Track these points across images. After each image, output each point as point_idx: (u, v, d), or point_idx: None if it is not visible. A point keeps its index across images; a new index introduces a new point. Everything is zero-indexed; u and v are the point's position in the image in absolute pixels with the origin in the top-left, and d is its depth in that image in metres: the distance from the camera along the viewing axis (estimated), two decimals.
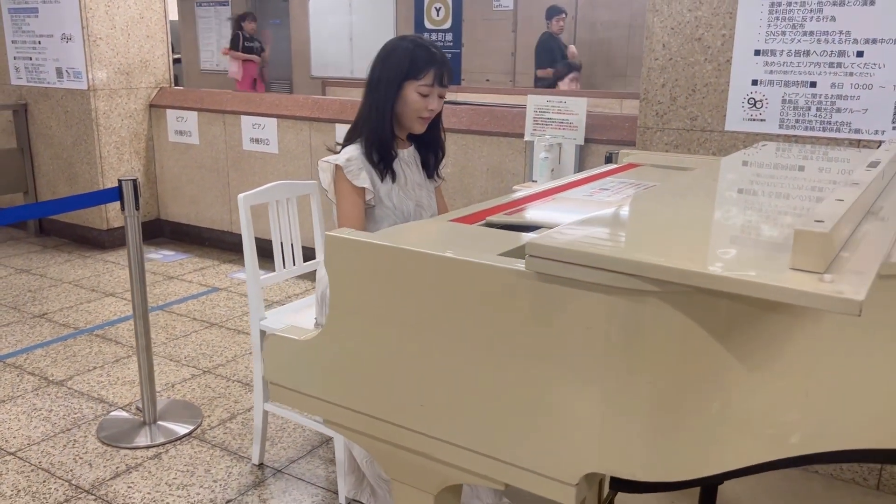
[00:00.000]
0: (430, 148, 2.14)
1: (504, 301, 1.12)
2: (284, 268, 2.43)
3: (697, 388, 1.07)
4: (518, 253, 1.16)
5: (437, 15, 10.05)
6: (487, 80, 9.80)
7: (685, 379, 1.06)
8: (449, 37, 10.03)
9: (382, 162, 2.00)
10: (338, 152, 2.03)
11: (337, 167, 1.98)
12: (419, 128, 2.05)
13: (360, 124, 2.03)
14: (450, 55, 9.87)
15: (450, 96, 7.74)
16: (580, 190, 1.75)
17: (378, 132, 1.99)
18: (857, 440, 1.17)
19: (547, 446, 1.14)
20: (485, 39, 9.70)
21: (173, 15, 14.82)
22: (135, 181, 2.46)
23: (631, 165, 2.18)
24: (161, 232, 5.34)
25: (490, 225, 1.46)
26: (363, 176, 1.96)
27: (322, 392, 1.38)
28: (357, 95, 2.17)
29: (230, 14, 11.84)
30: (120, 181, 2.44)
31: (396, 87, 1.98)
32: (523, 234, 1.32)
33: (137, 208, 2.49)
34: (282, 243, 2.41)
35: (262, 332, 2.29)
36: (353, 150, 2.00)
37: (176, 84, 13.08)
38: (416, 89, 1.98)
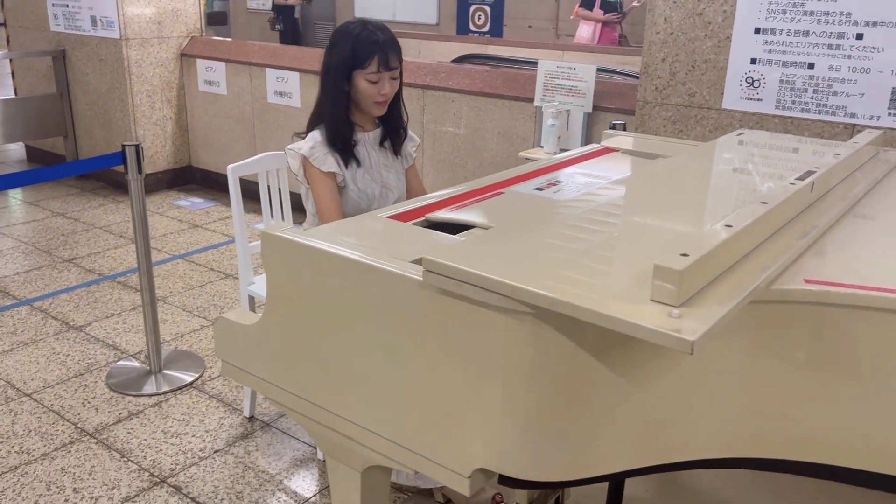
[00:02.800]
0: (392, 128, 2.20)
1: (407, 306, 1.21)
2: None
3: (576, 398, 1.14)
4: None
5: None
6: (530, 26, 9.63)
7: (563, 390, 1.13)
8: None
9: (344, 149, 2.07)
10: (304, 138, 2.10)
11: (304, 157, 2.06)
12: (378, 111, 2.11)
13: (321, 112, 2.10)
14: (492, 0, 9.73)
15: (481, 49, 7.59)
16: (534, 182, 1.80)
17: (335, 121, 2.06)
18: (739, 450, 1.23)
19: (443, 440, 1.23)
20: None
21: None
22: (137, 146, 2.58)
23: (607, 150, 2.20)
24: (192, 178, 5.52)
25: (429, 221, 1.53)
26: (329, 160, 2.04)
27: (262, 372, 1.49)
28: None
29: None
30: (123, 146, 2.57)
31: (346, 77, 2.04)
32: (448, 236, 1.40)
33: (140, 172, 2.62)
34: (271, 208, 2.52)
35: (251, 298, 2.42)
36: (317, 136, 2.07)
37: (222, 22, 13.11)
38: (364, 78, 2.04)
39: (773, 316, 1.16)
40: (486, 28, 9.91)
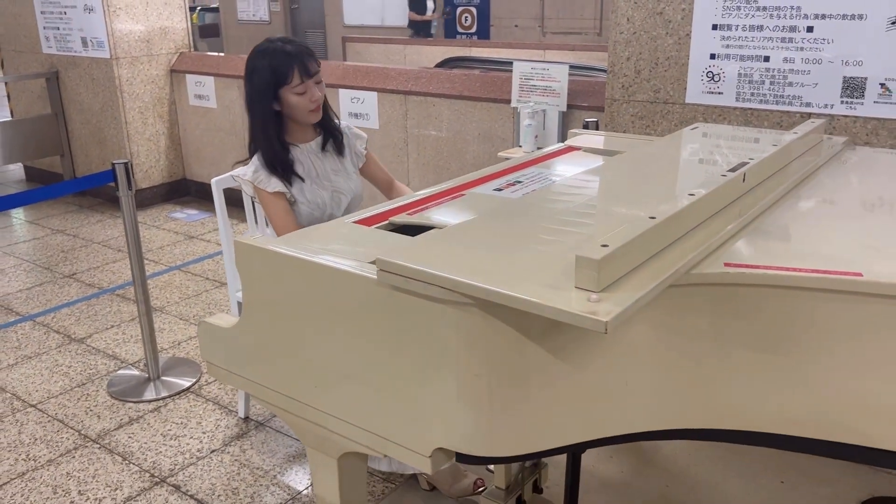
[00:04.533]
0: (328, 131, 2.29)
1: (365, 303, 1.32)
2: None
3: (521, 380, 1.26)
4: None
5: None
6: (516, 26, 9.75)
7: (507, 373, 1.25)
8: None
9: (283, 170, 2.17)
10: (246, 163, 2.21)
11: (251, 183, 2.17)
12: (314, 118, 2.20)
13: (254, 138, 2.20)
14: (478, 1, 9.87)
15: (465, 51, 7.70)
16: (495, 183, 1.91)
17: (269, 146, 2.16)
18: (676, 422, 1.35)
19: (405, 423, 1.35)
20: None
21: None
22: (126, 164, 2.70)
23: (570, 149, 2.32)
24: (187, 191, 5.65)
25: (392, 224, 1.65)
26: (274, 181, 2.15)
27: (243, 371, 1.61)
28: (378, 53, 2.31)
29: None
30: (113, 164, 2.69)
31: (273, 98, 2.13)
32: (406, 238, 1.51)
33: (131, 188, 2.74)
34: (255, 217, 2.63)
35: (240, 304, 2.54)
36: (257, 160, 2.17)
37: (214, 34, 13.22)
38: (291, 92, 2.13)
39: (699, 298, 1.27)
40: (474, 29, 10.04)
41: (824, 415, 1.27)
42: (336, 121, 2.32)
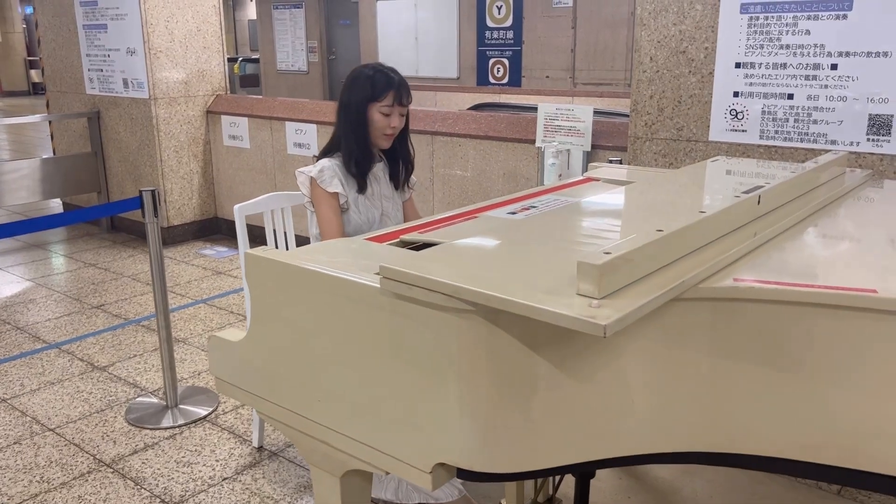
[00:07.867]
0: (399, 162, 2.39)
1: (369, 313, 1.31)
2: None
3: (524, 393, 1.23)
4: None
5: (499, 13, 10.21)
6: (547, 77, 9.87)
7: (510, 384, 1.22)
8: (510, 34, 10.17)
9: (360, 173, 2.26)
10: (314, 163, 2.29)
11: (311, 178, 2.24)
12: (384, 143, 2.31)
13: (337, 142, 2.28)
14: (510, 52, 10.05)
15: (494, 98, 7.85)
16: (511, 207, 1.91)
17: (358, 148, 2.25)
18: (684, 444, 1.30)
19: (406, 438, 1.32)
20: (545, 36, 9.78)
21: (252, 15, 15.50)
22: (154, 191, 2.76)
23: (588, 179, 2.31)
24: (218, 229, 5.74)
25: (403, 242, 1.65)
26: (335, 182, 2.23)
27: (250, 386, 1.60)
28: (414, 99, 2.47)
29: (304, 16, 12.31)
30: (141, 191, 2.75)
31: (363, 109, 2.22)
32: (414, 252, 1.51)
33: (156, 216, 2.79)
34: (276, 245, 2.66)
35: None
36: (326, 162, 2.27)
37: (254, 84, 13.62)
38: (378, 110, 2.23)
39: (707, 314, 1.24)
40: (505, 80, 10.18)
41: (841, 439, 1.21)
42: (412, 157, 2.41)
